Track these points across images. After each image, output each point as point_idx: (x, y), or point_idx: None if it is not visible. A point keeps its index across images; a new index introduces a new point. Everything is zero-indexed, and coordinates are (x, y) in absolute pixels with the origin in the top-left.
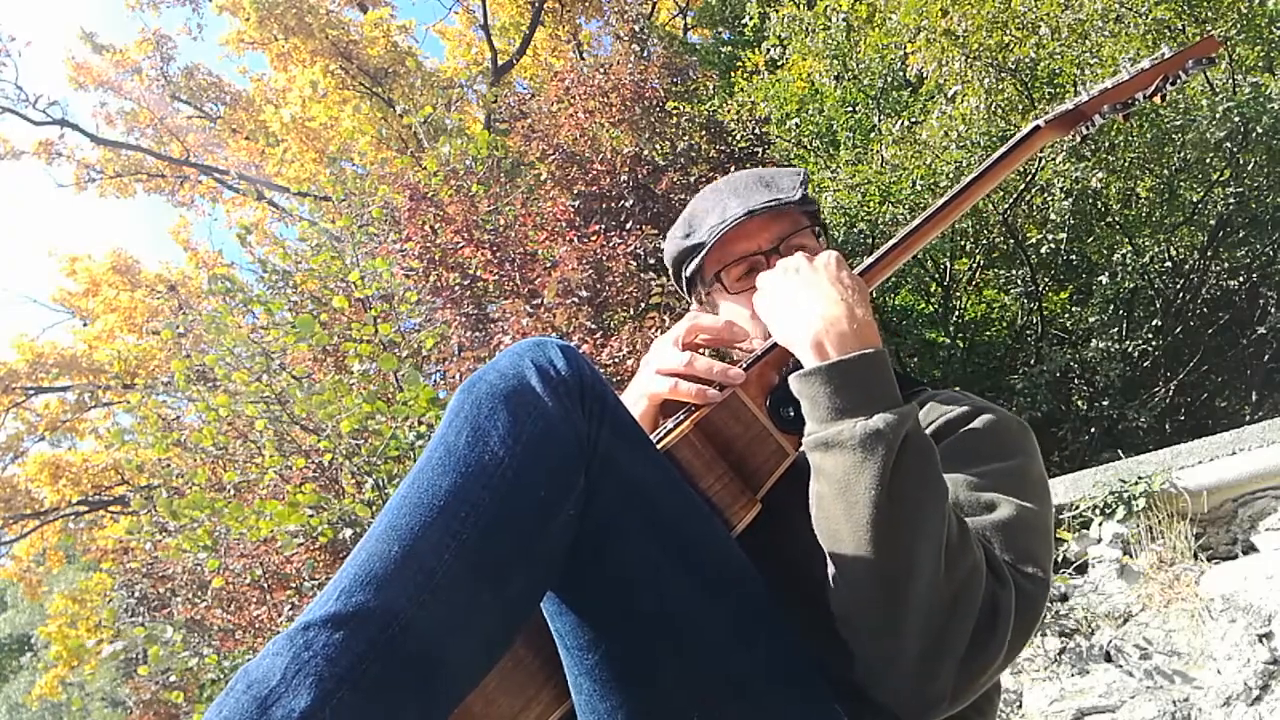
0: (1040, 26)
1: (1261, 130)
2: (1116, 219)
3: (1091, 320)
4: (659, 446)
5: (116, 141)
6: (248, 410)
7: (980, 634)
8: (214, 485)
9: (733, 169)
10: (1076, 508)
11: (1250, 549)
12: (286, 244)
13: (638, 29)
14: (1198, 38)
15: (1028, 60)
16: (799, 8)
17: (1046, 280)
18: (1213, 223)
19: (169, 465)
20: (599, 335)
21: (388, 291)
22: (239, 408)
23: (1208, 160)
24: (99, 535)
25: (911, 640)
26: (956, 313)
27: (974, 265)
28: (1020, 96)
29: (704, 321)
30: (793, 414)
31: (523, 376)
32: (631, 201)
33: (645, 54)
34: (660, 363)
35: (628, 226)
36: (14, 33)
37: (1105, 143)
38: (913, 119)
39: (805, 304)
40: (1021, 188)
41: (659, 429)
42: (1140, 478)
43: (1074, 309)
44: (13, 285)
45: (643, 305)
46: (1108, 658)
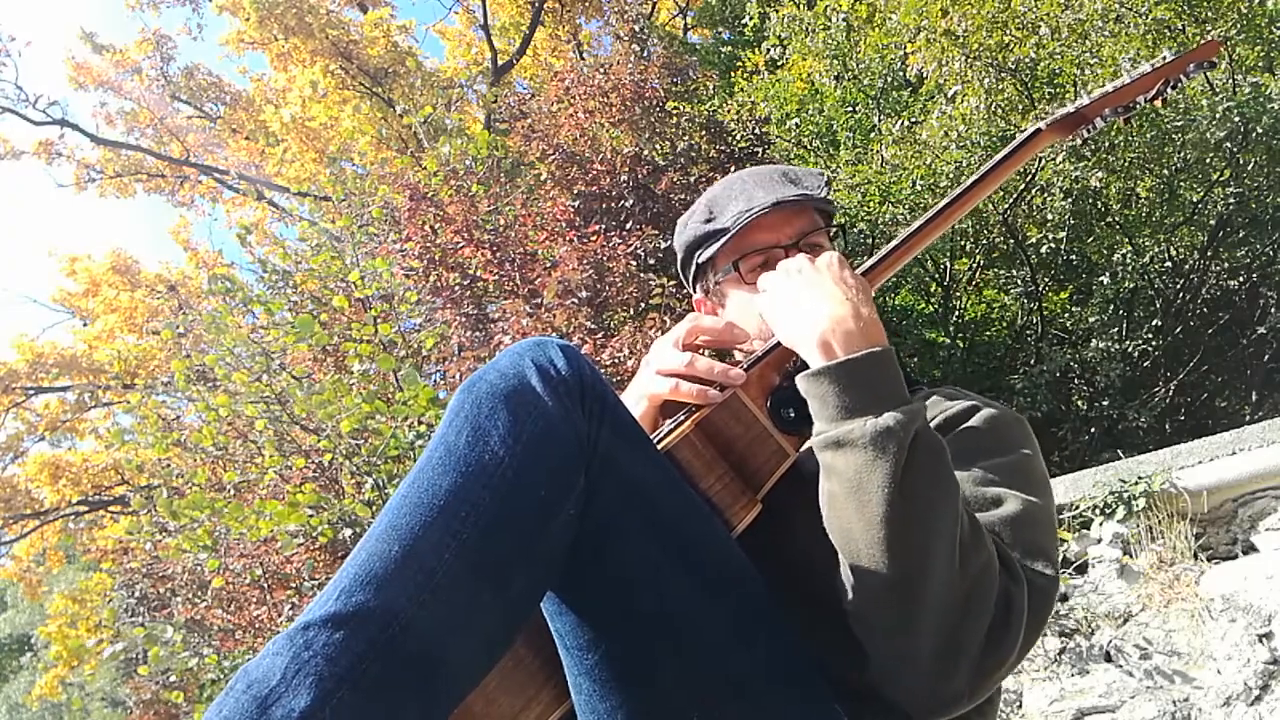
0: (1040, 26)
1: (1261, 130)
2: (1116, 219)
3: (1091, 320)
4: (659, 447)
5: (116, 141)
6: (248, 410)
7: (995, 631)
8: (214, 485)
9: (733, 169)
10: (1076, 508)
11: (1250, 549)
12: (286, 244)
13: (638, 29)
14: (1198, 38)
15: (1028, 60)
16: (799, 8)
17: (1046, 280)
18: (1213, 223)
19: (169, 465)
20: (599, 336)
21: (388, 291)
22: (239, 408)
23: (1208, 160)
24: (99, 535)
25: (927, 638)
26: (956, 313)
27: (974, 265)
28: (1020, 96)
29: (704, 322)
30: (793, 415)
31: (523, 376)
32: (631, 201)
33: (645, 54)
34: (661, 363)
35: (628, 227)
36: (14, 33)
37: (1105, 143)
38: (913, 119)
39: (810, 304)
40: (1021, 188)
41: (659, 429)
42: (1140, 478)
43: (1074, 309)
44: (13, 285)
45: (643, 306)
46: (1108, 658)
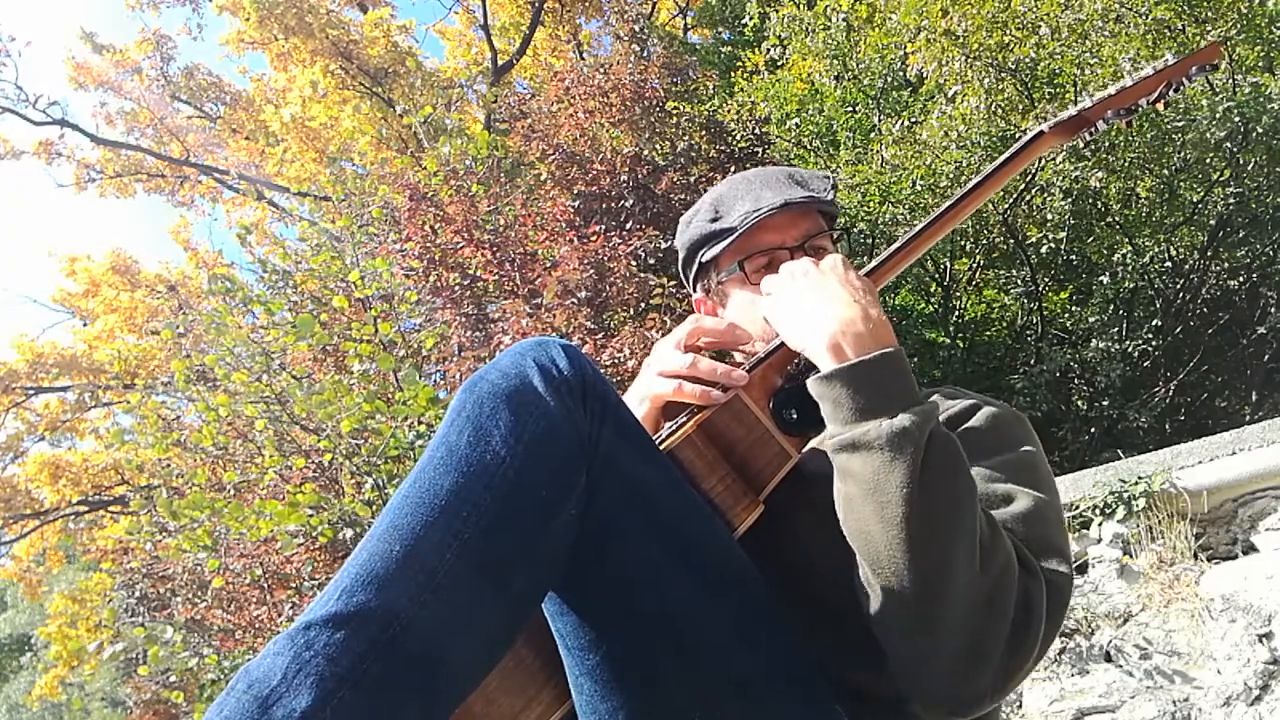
0: (1040, 26)
1: (1261, 130)
2: (1116, 219)
3: (1091, 320)
4: (661, 447)
5: (116, 141)
6: (248, 410)
7: (1017, 629)
8: (214, 485)
9: (733, 169)
10: (1076, 508)
11: (1250, 549)
12: (286, 244)
13: (638, 29)
14: (1197, 38)
15: (1028, 60)
16: (799, 8)
17: (1046, 280)
18: (1213, 223)
19: (169, 465)
20: (599, 336)
21: (388, 291)
22: (239, 408)
23: (1208, 160)
24: (99, 535)
25: (950, 640)
26: (956, 313)
27: (974, 265)
28: (1020, 96)
29: (706, 324)
30: (795, 417)
31: (525, 376)
32: (631, 201)
33: (645, 54)
34: (663, 365)
35: (628, 227)
36: (14, 33)
37: (1105, 143)
38: (913, 119)
39: (817, 307)
40: (1021, 188)
41: (661, 430)
42: (1140, 478)
43: (1074, 309)
44: (13, 285)
45: (643, 306)
46: (1108, 658)
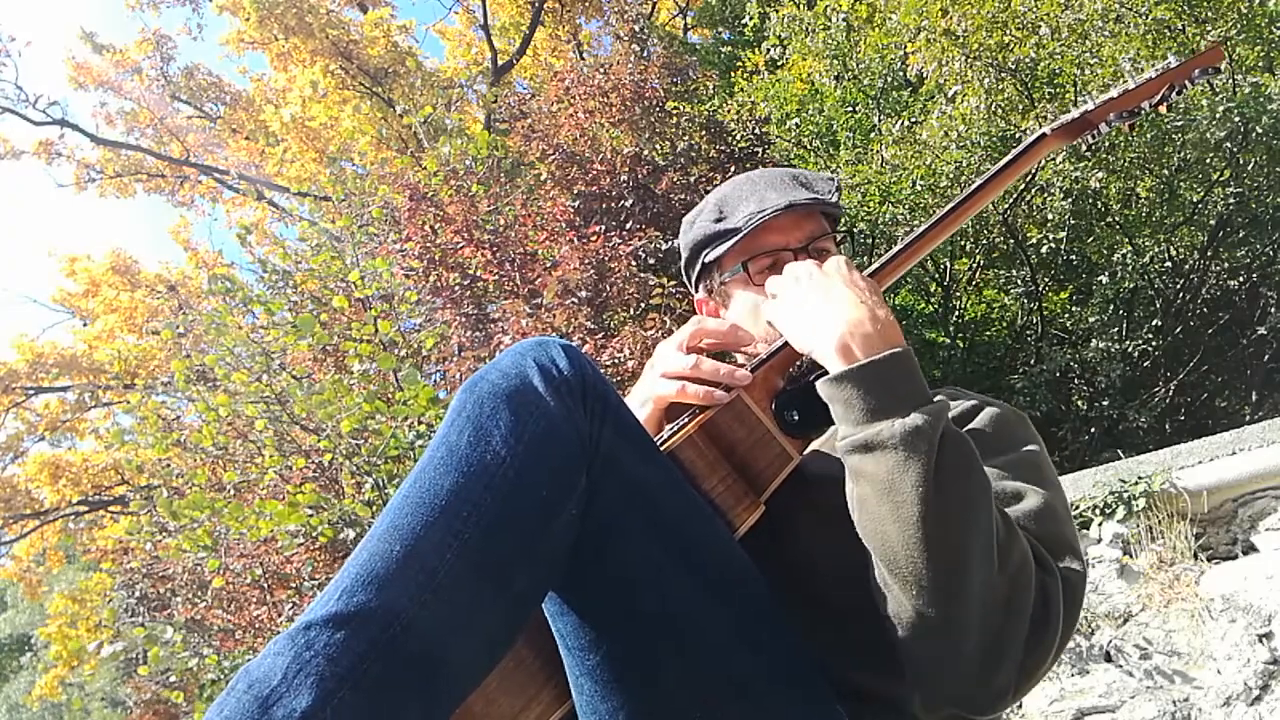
0: (1040, 26)
1: (1261, 130)
2: (1116, 219)
3: (1091, 320)
4: (662, 448)
5: (116, 141)
6: (248, 410)
7: (1035, 626)
8: (214, 485)
9: (733, 169)
10: (1076, 508)
11: (1250, 549)
12: (286, 244)
13: (638, 29)
14: (1198, 38)
15: (1028, 60)
16: (799, 8)
17: (1046, 280)
18: (1213, 223)
19: (169, 465)
20: (599, 336)
21: (388, 291)
22: (239, 408)
23: (1208, 160)
24: (99, 535)
25: (970, 638)
26: (956, 313)
27: (974, 265)
28: (1020, 96)
29: (709, 325)
30: (797, 418)
31: (525, 376)
32: (631, 201)
33: (645, 54)
34: (665, 366)
35: (628, 227)
36: (14, 33)
37: (1105, 143)
38: (913, 119)
39: (824, 308)
40: (1021, 188)
41: (663, 431)
42: (1140, 478)
43: (1074, 309)
44: (13, 285)
45: (643, 306)
46: (1108, 658)
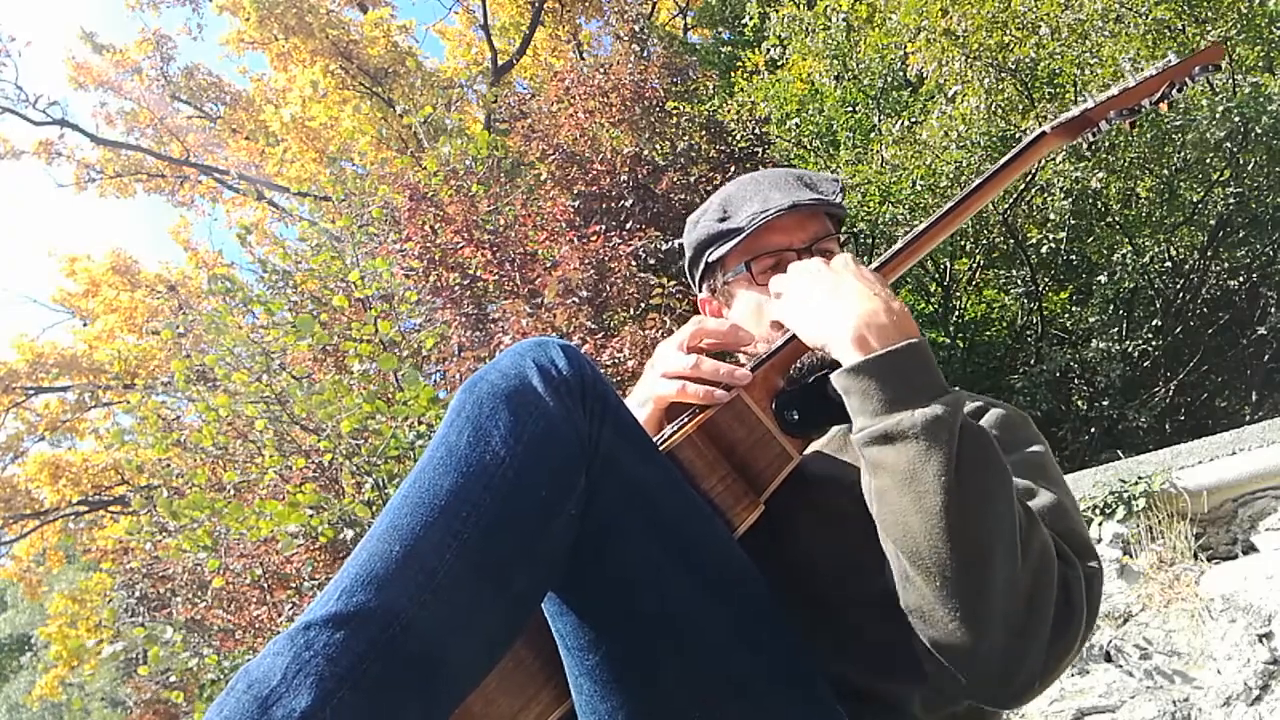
0: (1040, 26)
1: (1261, 130)
2: (1116, 219)
3: (1091, 320)
4: (662, 447)
5: (116, 141)
6: (248, 410)
7: (1059, 615)
8: (214, 485)
9: (733, 169)
10: None
11: (1250, 549)
12: (286, 244)
13: (638, 29)
14: (1198, 38)
15: (1028, 60)
16: (799, 8)
17: (1046, 280)
18: (1213, 223)
19: (169, 465)
20: (599, 336)
21: (388, 291)
22: (239, 408)
23: (1208, 160)
24: (99, 535)
25: (997, 628)
26: (956, 313)
27: (974, 265)
28: (1020, 96)
29: (709, 325)
30: (797, 418)
31: (524, 376)
32: (631, 201)
33: (645, 54)
34: (666, 366)
35: (628, 227)
36: (14, 33)
37: (1105, 143)
38: (913, 119)
39: (836, 301)
40: (1022, 188)
41: (664, 431)
42: (1140, 478)
43: (1074, 309)
44: (13, 285)
45: (643, 306)
46: (1108, 658)
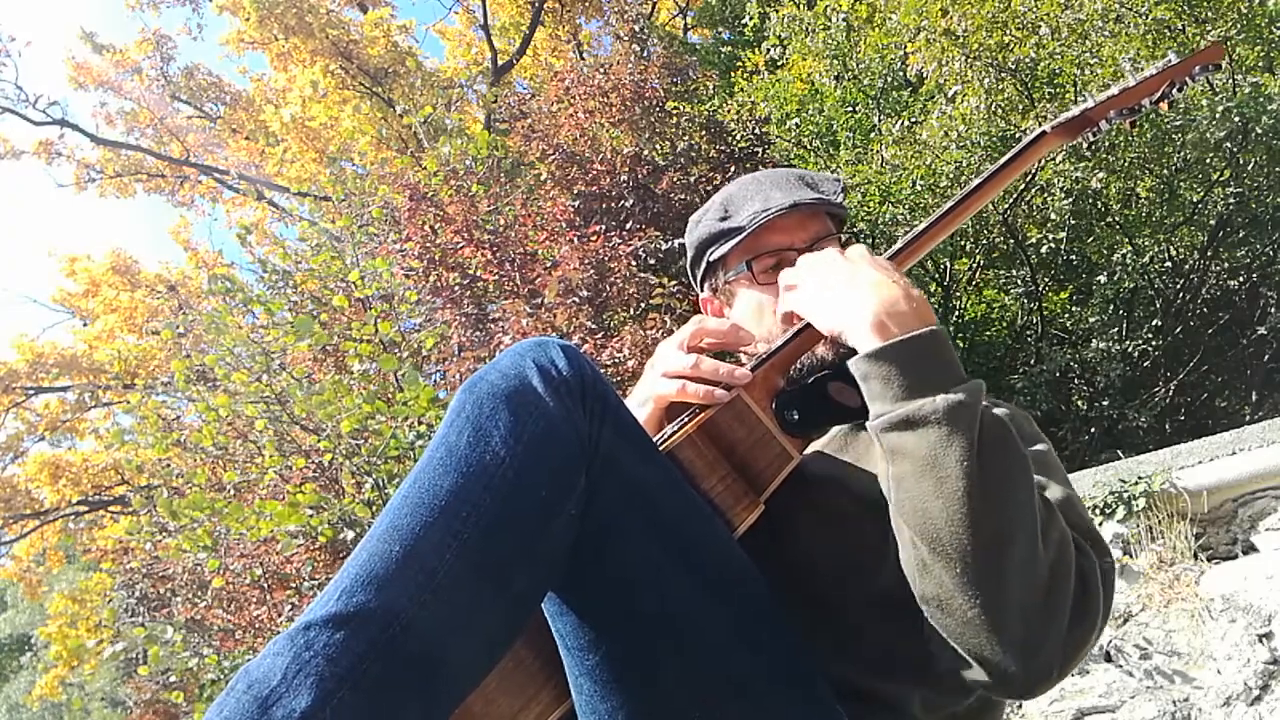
0: (1040, 26)
1: (1261, 130)
2: (1116, 219)
3: (1091, 320)
4: (662, 447)
5: (116, 141)
6: (248, 410)
7: (1076, 603)
8: (214, 485)
9: (733, 169)
10: None
11: (1250, 549)
12: (286, 244)
13: (638, 29)
14: (1198, 38)
15: (1028, 60)
16: (799, 8)
17: (1046, 280)
18: (1213, 223)
19: (169, 465)
20: (599, 336)
21: (388, 291)
22: (239, 408)
23: (1208, 160)
24: (99, 535)
25: (1016, 617)
26: (956, 313)
27: (974, 265)
28: (1020, 96)
29: (709, 324)
30: (797, 418)
31: (524, 376)
32: (631, 201)
33: (645, 54)
34: (666, 365)
35: (628, 227)
36: (14, 33)
37: (1105, 143)
38: (913, 119)
39: (854, 289)
40: (1021, 188)
41: (664, 431)
42: (1140, 478)
43: (1074, 309)
44: (13, 285)
45: (643, 306)
46: (1108, 658)
